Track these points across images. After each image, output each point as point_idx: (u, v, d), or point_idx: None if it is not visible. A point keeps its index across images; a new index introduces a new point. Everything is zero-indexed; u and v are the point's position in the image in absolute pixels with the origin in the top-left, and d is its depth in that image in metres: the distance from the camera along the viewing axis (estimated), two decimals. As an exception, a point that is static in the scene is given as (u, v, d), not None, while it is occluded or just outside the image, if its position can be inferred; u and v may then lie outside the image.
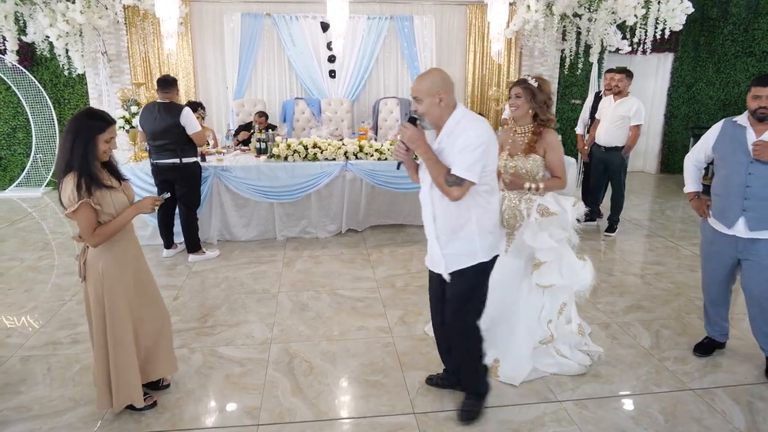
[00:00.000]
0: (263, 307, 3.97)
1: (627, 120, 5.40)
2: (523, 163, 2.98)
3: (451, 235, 2.46)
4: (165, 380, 2.94)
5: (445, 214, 2.45)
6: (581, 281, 3.05)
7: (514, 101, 2.97)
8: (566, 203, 2.99)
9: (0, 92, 7.41)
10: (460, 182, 2.31)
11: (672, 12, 6.16)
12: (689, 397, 2.88)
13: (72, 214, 2.32)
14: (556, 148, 2.96)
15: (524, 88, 2.92)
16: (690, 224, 6.16)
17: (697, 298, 4.12)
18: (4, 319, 3.71)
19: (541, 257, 2.94)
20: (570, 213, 2.96)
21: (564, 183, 3.00)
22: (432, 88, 2.33)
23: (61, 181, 2.34)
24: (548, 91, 2.95)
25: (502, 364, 3.06)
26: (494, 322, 2.95)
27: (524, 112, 2.98)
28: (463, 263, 2.47)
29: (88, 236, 2.36)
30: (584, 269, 3.06)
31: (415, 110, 2.42)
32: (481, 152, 2.30)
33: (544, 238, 2.91)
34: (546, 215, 2.92)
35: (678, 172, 8.95)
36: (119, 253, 2.51)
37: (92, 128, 2.33)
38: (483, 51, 8.09)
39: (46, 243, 5.43)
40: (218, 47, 7.63)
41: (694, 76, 8.67)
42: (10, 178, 7.72)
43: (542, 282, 2.97)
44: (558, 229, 2.94)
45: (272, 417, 2.71)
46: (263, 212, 5.47)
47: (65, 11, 6.02)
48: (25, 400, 2.84)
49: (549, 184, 2.99)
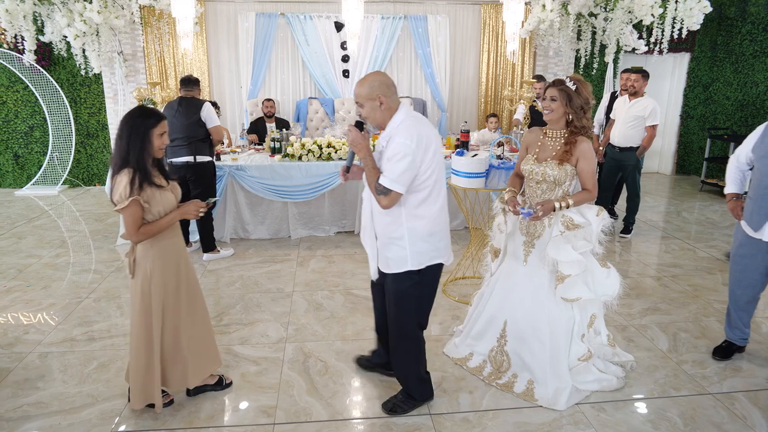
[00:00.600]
0: (278, 306, 3.98)
1: (642, 120, 5.35)
2: (552, 170, 2.77)
3: (385, 238, 2.50)
4: (227, 378, 2.96)
5: (380, 217, 2.49)
6: (607, 290, 2.91)
7: (548, 104, 2.77)
8: (590, 214, 2.82)
9: (18, 91, 7.50)
10: (387, 192, 2.32)
11: (690, 11, 6.10)
12: (709, 401, 2.85)
13: (121, 210, 2.37)
14: (590, 159, 2.75)
15: (560, 91, 2.72)
16: (707, 226, 6.09)
17: (716, 301, 4.08)
18: (21, 316, 3.75)
19: (565, 270, 2.77)
20: (594, 224, 2.80)
21: (594, 195, 2.79)
22: (371, 92, 2.36)
23: (114, 177, 2.38)
24: (586, 96, 2.74)
25: (537, 386, 2.85)
26: (523, 340, 2.91)
27: (559, 116, 2.76)
28: (394, 268, 2.49)
29: (132, 233, 2.41)
30: (609, 278, 2.91)
31: (359, 114, 2.46)
32: (408, 162, 2.29)
33: (568, 250, 2.76)
34: (571, 228, 2.76)
35: (694, 174, 8.89)
36: (165, 252, 2.54)
37: (147, 124, 2.40)
38: (497, 50, 8.05)
39: (63, 241, 5.48)
40: (232, 47, 7.67)
41: (711, 76, 8.57)
42: (27, 176, 7.81)
43: (568, 296, 2.81)
44: (582, 240, 2.78)
45: (288, 416, 2.72)
46: (277, 211, 5.49)
47: (82, 11, 6.08)
48: (44, 396, 2.87)
49: (579, 199, 2.77)
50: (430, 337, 3.52)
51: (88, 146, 7.89)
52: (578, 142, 2.74)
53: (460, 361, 3.17)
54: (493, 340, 3.05)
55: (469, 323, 3.24)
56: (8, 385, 2.95)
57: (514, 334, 2.96)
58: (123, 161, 2.38)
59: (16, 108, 7.56)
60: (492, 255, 3.16)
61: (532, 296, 2.90)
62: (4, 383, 2.97)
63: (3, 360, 3.21)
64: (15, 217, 6.30)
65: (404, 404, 2.74)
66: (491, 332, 3.08)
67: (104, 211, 6.57)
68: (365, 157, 2.42)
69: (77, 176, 7.97)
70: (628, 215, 5.70)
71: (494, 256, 3.13)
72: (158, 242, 2.50)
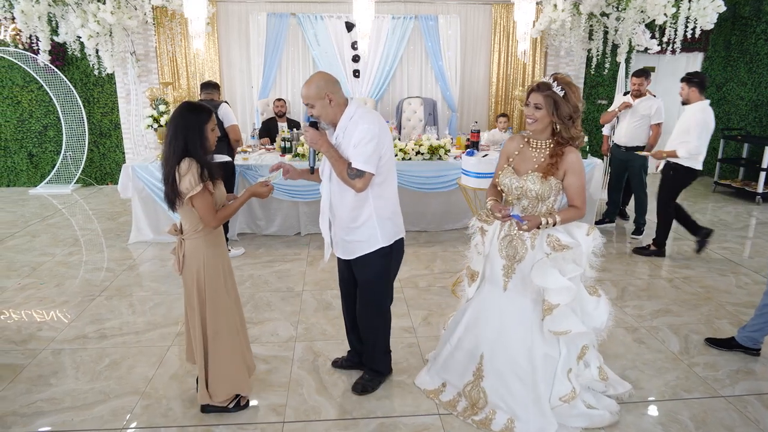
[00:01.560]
0: (288, 305, 4.00)
1: (647, 119, 5.45)
2: (534, 184, 2.43)
3: (350, 223, 2.65)
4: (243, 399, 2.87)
5: (343, 205, 2.64)
6: (594, 322, 2.58)
7: (531, 112, 2.40)
8: (579, 233, 2.48)
9: (32, 91, 7.59)
10: (362, 174, 2.50)
11: (703, 10, 6.02)
12: (721, 404, 2.82)
13: (193, 197, 2.37)
14: (578, 172, 2.40)
15: (546, 97, 2.34)
16: (719, 227, 6.03)
17: (728, 303, 4.04)
18: (35, 313, 3.80)
19: (552, 299, 2.43)
20: (584, 245, 2.45)
21: (583, 212, 2.44)
22: (319, 92, 2.50)
23: (174, 171, 2.36)
24: (575, 102, 2.35)
25: (518, 424, 2.57)
26: (502, 378, 2.63)
27: (544, 126, 2.42)
28: (366, 249, 2.67)
29: (211, 218, 2.44)
30: (598, 308, 2.58)
31: (311, 115, 2.57)
32: (374, 145, 2.49)
33: (555, 276, 2.42)
34: (558, 249, 2.42)
35: (706, 174, 8.78)
36: (217, 246, 2.57)
37: (200, 120, 2.42)
38: (508, 50, 8.02)
39: (76, 239, 5.54)
40: (244, 47, 7.70)
41: (725, 76, 8.49)
42: (41, 175, 7.90)
43: (557, 328, 2.47)
44: (571, 264, 2.44)
45: (297, 414, 2.73)
46: (287, 211, 5.52)
47: (96, 12, 6.14)
48: (57, 392, 2.90)
49: (567, 217, 2.42)
50: (439, 337, 3.52)
51: (100, 145, 7.96)
52: (566, 153, 2.40)
53: (432, 393, 2.89)
54: (469, 374, 2.75)
55: (443, 351, 2.94)
56: (22, 381, 2.99)
57: (491, 369, 2.66)
58: (183, 152, 2.37)
59: (30, 108, 7.66)
60: (468, 278, 2.80)
61: (513, 328, 2.59)
62: (18, 379, 3.01)
63: (17, 357, 3.25)
64: (29, 216, 6.38)
65: (372, 382, 2.95)
66: (466, 365, 2.77)
67: (116, 210, 6.63)
68: (328, 150, 2.54)
69: (90, 175, 8.04)
70: (637, 216, 5.68)
71: (471, 279, 2.78)
72: (209, 237, 2.52)
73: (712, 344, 3.39)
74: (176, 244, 2.57)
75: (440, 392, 2.88)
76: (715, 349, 3.36)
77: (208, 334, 2.56)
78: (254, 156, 5.63)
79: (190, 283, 2.52)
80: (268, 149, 6.07)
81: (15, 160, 7.84)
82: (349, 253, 2.73)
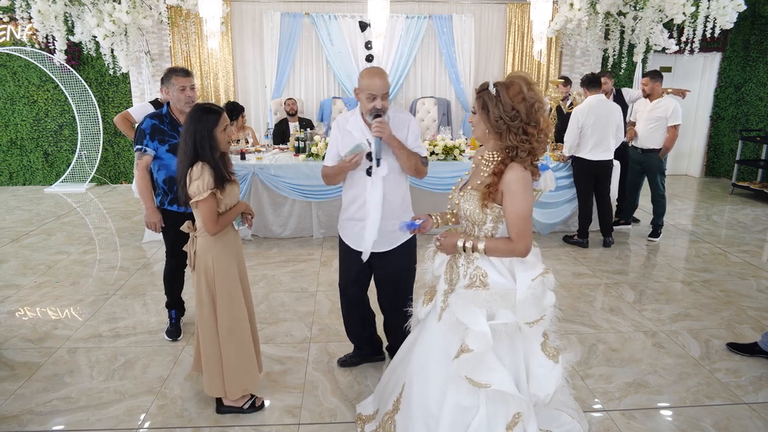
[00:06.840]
0: (302, 306, 3.98)
1: (664, 121, 5.38)
2: (468, 203, 2.04)
3: (401, 212, 2.72)
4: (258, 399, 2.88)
5: (396, 196, 2.71)
6: (538, 389, 2.06)
7: (471, 117, 2.09)
8: (523, 275, 1.98)
9: (48, 90, 7.65)
10: (426, 162, 2.74)
11: (723, 9, 5.94)
12: (744, 411, 2.76)
13: (197, 202, 2.41)
14: (514, 194, 1.92)
15: (478, 99, 1.99)
16: (738, 230, 5.93)
17: (750, 308, 3.97)
18: (50, 312, 3.81)
19: (470, 342, 1.97)
20: (522, 289, 1.96)
21: (518, 249, 1.95)
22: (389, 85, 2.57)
23: (187, 173, 2.42)
24: (510, 103, 1.89)
25: None
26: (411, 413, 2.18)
27: (482, 133, 2.01)
28: (407, 236, 2.76)
29: (212, 225, 2.45)
30: (549, 375, 2.05)
31: (375, 107, 2.52)
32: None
33: (476, 316, 1.97)
34: (477, 286, 1.99)
35: (724, 176, 8.67)
36: (227, 244, 2.57)
37: (209, 123, 2.44)
38: (522, 50, 7.97)
39: (91, 238, 5.57)
40: (257, 46, 7.72)
41: (744, 76, 8.36)
42: (56, 174, 7.96)
43: (475, 377, 1.98)
44: (504, 309, 1.98)
45: (313, 417, 2.71)
46: (300, 210, 5.50)
47: (112, 12, 6.17)
48: (73, 391, 2.90)
49: (493, 246, 1.98)
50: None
51: (115, 144, 8.01)
52: (506, 170, 1.94)
53: (364, 419, 2.59)
54: (390, 404, 2.37)
55: (383, 375, 2.64)
56: (39, 380, 3.00)
57: (406, 404, 2.24)
58: (195, 156, 2.41)
59: (46, 107, 7.72)
60: (426, 296, 2.38)
61: (435, 364, 2.13)
62: (35, 377, 3.02)
63: (34, 355, 3.26)
64: (44, 214, 6.43)
65: None
66: (391, 394, 2.42)
67: (131, 209, 6.66)
68: (399, 144, 2.58)
69: (104, 174, 8.09)
70: (655, 218, 5.58)
71: (428, 298, 2.35)
72: (221, 234, 2.52)
73: (734, 349, 3.33)
74: (189, 241, 2.59)
75: (369, 420, 2.56)
76: (737, 354, 3.30)
77: (221, 331, 2.56)
78: (268, 156, 5.62)
79: (201, 279, 2.54)
80: (282, 149, 6.06)
81: (31, 158, 7.91)
82: (393, 241, 2.76)
